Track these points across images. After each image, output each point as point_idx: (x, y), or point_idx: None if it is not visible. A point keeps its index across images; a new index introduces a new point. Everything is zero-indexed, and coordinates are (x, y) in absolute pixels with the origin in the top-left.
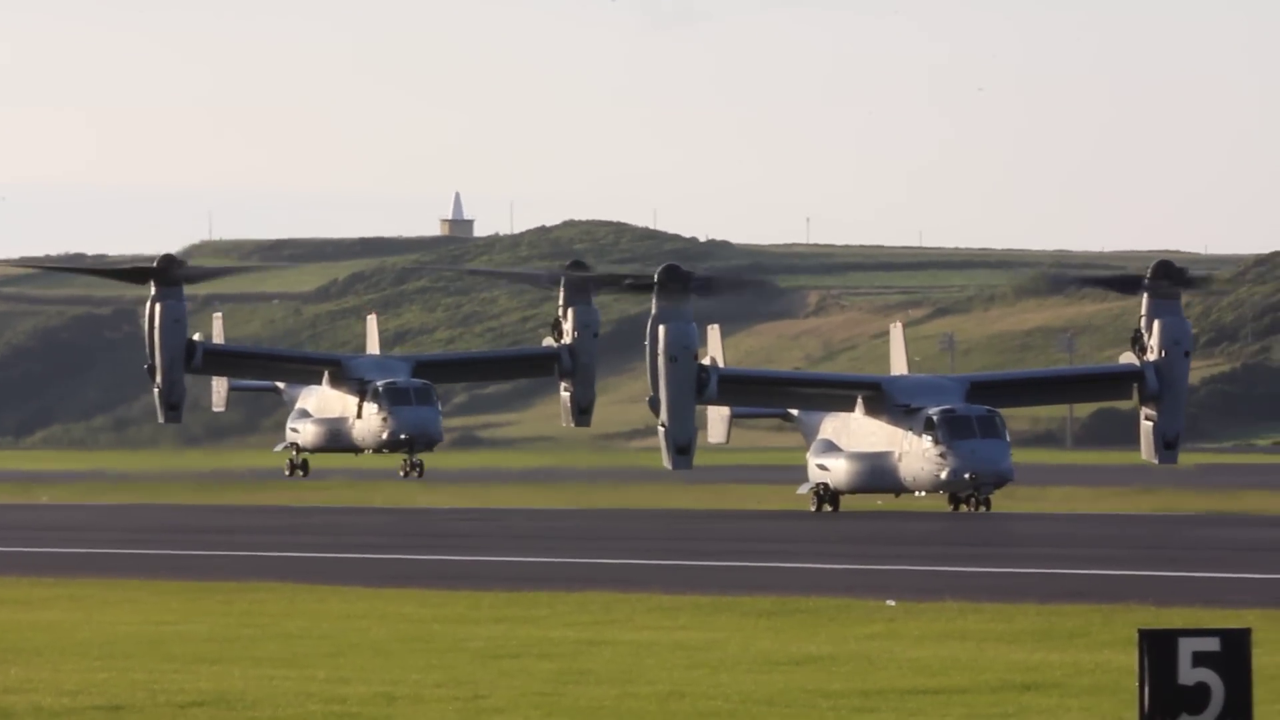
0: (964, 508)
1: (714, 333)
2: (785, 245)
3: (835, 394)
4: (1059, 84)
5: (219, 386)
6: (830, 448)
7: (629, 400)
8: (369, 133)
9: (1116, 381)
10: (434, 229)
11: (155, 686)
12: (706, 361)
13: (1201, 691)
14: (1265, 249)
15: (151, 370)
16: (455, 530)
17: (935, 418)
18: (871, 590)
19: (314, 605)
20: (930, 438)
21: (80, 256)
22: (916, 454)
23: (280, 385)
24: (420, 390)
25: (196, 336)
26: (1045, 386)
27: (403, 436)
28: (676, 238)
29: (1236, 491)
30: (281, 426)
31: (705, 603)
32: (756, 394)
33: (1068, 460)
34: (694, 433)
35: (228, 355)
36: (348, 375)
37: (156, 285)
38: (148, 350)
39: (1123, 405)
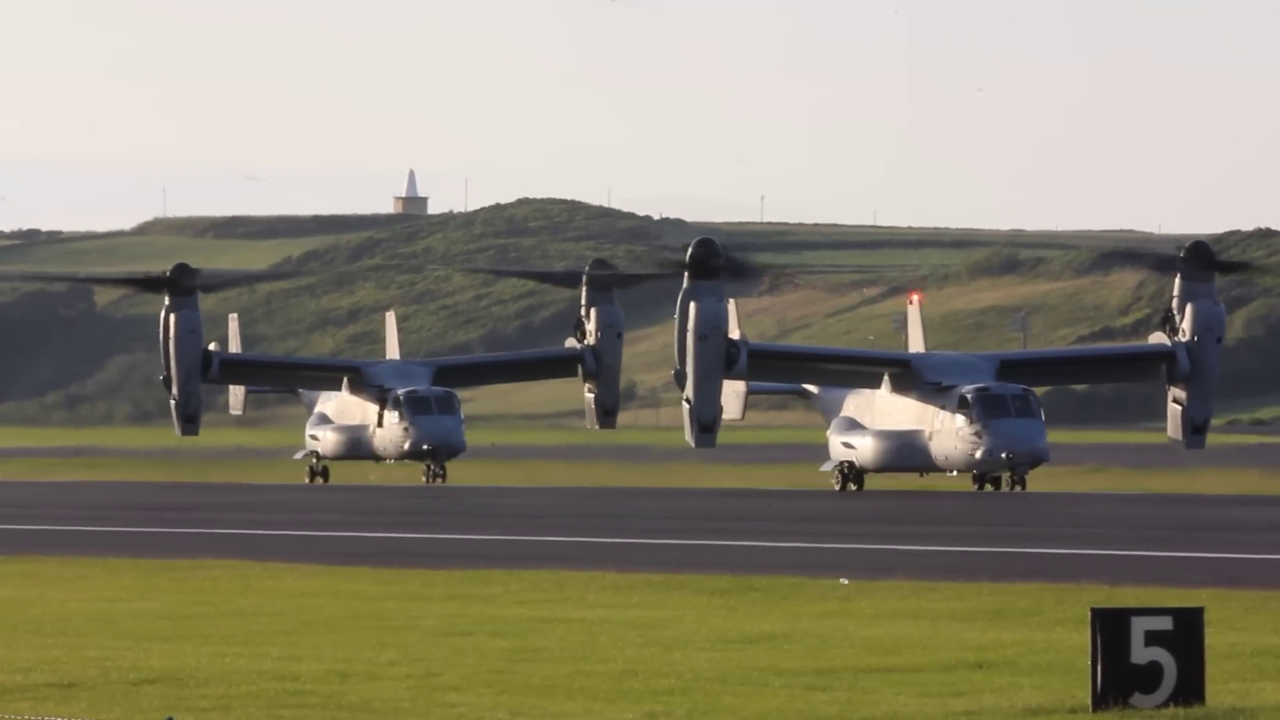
0: (988, 487)
1: (730, 306)
2: (739, 223)
3: (863, 370)
4: (1015, 65)
5: (236, 390)
6: (853, 425)
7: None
8: (324, 110)
9: (1147, 361)
10: (388, 206)
11: (108, 664)
12: (736, 336)
13: (1154, 670)
14: (1219, 229)
15: (167, 381)
16: (408, 508)
17: (970, 396)
18: (825, 569)
19: (267, 583)
20: (964, 416)
21: (34, 233)
22: (949, 433)
23: (299, 389)
24: (442, 399)
25: (213, 346)
26: (1075, 366)
27: (425, 447)
28: (631, 216)
29: (1189, 470)
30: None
31: (659, 581)
32: (785, 369)
33: None
34: (719, 411)
35: (244, 365)
36: (368, 382)
37: (170, 295)
38: (163, 361)
39: (1077, 385)
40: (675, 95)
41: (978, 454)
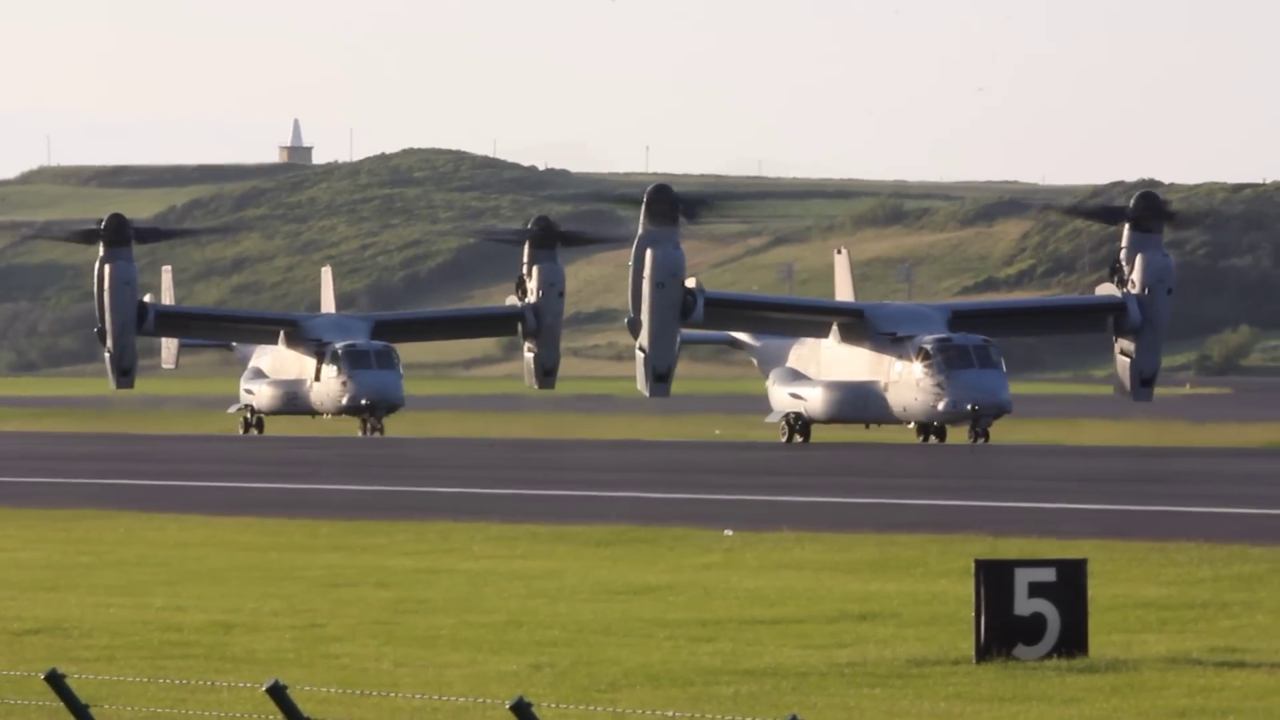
0: (932, 439)
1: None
2: (625, 174)
3: (814, 320)
4: (896, 13)
5: (169, 344)
6: (797, 376)
7: None
8: (208, 58)
9: (1097, 312)
10: (273, 156)
11: None
12: (691, 284)
13: (1037, 622)
14: (1102, 180)
15: (101, 334)
16: (293, 458)
17: (931, 347)
18: (709, 520)
19: (151, 533)
20: (925, 367)
21: None
22: (908, 384)
23: (233, 342)
24: (381, 353)
25: (147, 297)
26: (1025, 316)
27: (364, 402)
28: (516, 166)
29: (1072, 421)
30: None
31: (543, 532)
32: (740, 318)
33: None
34: (674, 360)
35: (180, 316)
36: (305, 335)
37: (105, 246)
38: (97, 314)
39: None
40: (559, 46)
41: (940, 405)
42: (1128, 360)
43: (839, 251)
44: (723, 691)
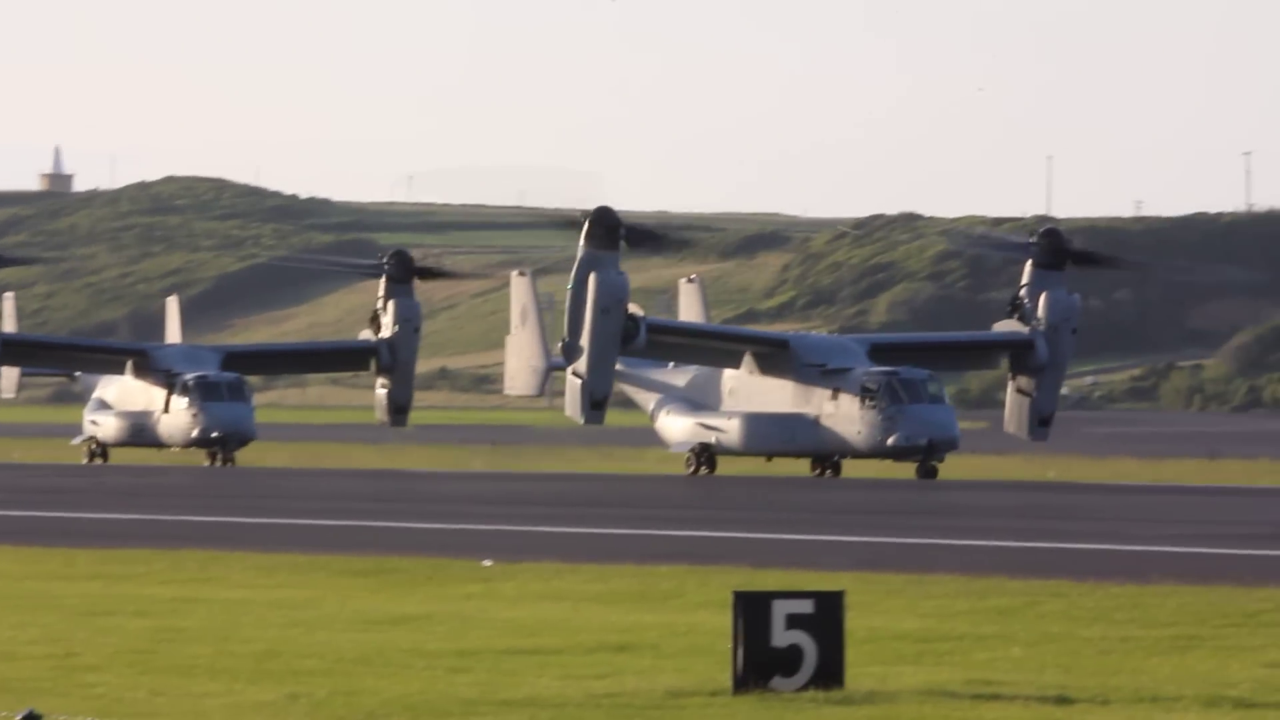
0: (828, 474)
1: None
2: (386, 204)
3: (741, 349)
4: (664, 50)
5: (9, 373)
6: (697, 406)
7: None
8: None
9: (1002, 349)
10: (33, 183)
11: None
12: (635, 310)
13: (794, 654)
14: (863, 213)
15: None
16: (50, 486)
17: (878, 380)
18: (469, 550)
19: None
20: (870, 400)
21: None
22: (849, 416)
23: (76, 372)
24: (233, 385)
25: None
26: (940, 351)
27: (214, 435)
28: (278, 195)
29: None
30: None
31: (302, 561)
32: (679, 347)
33: None
34: (611, 387)
35: (28, 345)
36: (154, 366)
37: None
38: None
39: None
40: (322, 74)
41: (890, 439)
42: (1025, 399)
43: (689, 280)
44: None
